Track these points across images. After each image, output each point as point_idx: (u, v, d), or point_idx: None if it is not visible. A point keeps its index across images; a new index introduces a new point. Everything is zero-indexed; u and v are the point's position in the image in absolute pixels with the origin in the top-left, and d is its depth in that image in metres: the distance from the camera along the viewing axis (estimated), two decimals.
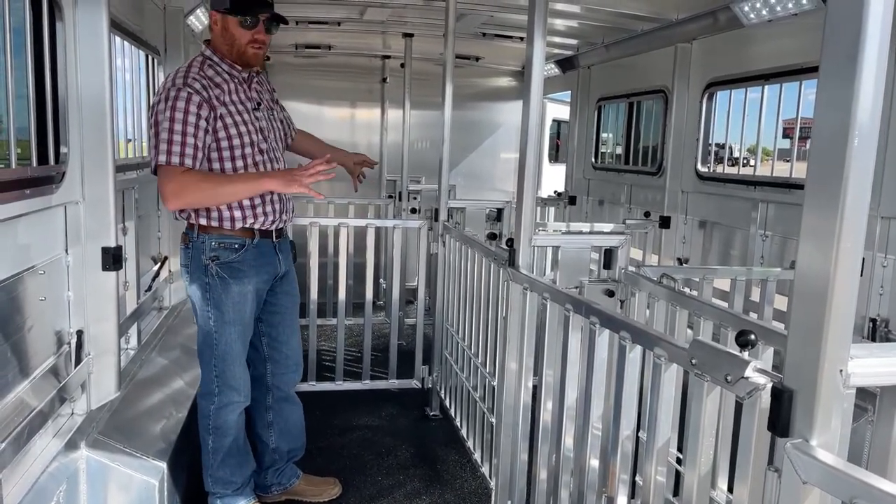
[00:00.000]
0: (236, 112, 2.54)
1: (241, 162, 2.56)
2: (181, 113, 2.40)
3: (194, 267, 2.59)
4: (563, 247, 2.83)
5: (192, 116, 2.41)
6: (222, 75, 2.55)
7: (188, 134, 2.41)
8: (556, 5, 4.16)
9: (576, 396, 2.18)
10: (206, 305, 2.60)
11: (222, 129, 2.50)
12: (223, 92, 2.52)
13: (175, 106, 2.40)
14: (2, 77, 2.06)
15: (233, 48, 2.55)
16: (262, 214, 2.62)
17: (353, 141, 7.08)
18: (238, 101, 2.57)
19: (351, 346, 4.96)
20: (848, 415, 1.39)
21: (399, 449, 3.63)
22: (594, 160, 6.10)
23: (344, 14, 4.88)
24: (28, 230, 2.17)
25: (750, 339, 1.41)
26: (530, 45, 2.48)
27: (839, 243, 1.08)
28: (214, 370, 2.65)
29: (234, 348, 2.64)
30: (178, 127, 2.40)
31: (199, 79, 2.47)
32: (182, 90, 2.42)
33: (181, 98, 2.41)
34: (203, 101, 2.44)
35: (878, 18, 1.03)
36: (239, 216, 2.58)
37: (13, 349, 2.11)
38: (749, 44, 4.02)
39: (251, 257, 2.63)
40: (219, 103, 2.49)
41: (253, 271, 2.65)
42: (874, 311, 3.11)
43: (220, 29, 2.54)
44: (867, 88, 1.04)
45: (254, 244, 2.63)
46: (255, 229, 2.63)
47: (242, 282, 2.61)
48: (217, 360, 2.64)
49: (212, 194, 2.50)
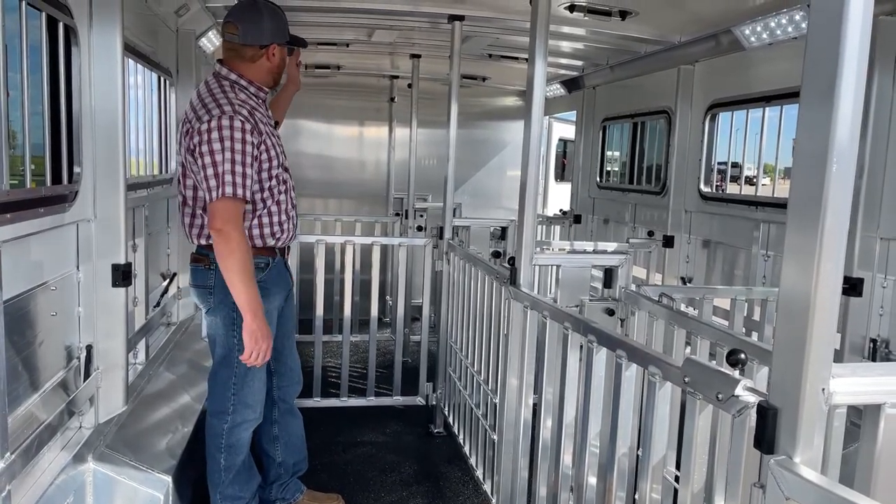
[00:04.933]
0: (269, 134, 2.61)
1: (274, 181, 2.62)
2: (239, 143, 2.42)
3: (220, 287, 2.55)
4: (563, 266, 2.87)
5: (248, 146, 2.44)
6: (252, 99, 2.61)
7: (246, 164, 2.43)
8: (561, 28, 4.23)
9: (574, 414, 2.21)
10: (231, 325, 2.59)
11: (265, 152, 2.55)
12: (261, 116, 2.59)
13: (232, 136, 2.41)
14: (18, 98, 2.13)
15: (280, 74, 2.72)
16: (287, 230, 2.71)
17: (361, 158, 7.18)
18: (268, 123, 2.65)
19: (356, 363, 4.99)
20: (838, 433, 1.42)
21: (402, 466, 3.65)
22: (599, 179, 6.15)
23: (353, 36, 4.97)
24: (41, 247, 2.24)
25: (739, 358, 1.45)
26: (532, 66, 2.54)
27: (819, 264, 1.11)
28: (233, 388, 2.65)
29: (257, 367, 2.63)
30: (244, 158, 2.43)
31: (241, 104, 2.50)
32: (235, 118, 2.43)
33: (236, 128, 2.42)
34: (252, 127, 2.48)
35: (854, 50, 1.08)
36: (267, 233, 2.65)
37: (25, 363, 2.16)
38: (750, 66, 4.07)
39: (274, 275, 2.70)
40: (261, 131, 2.54)
41: (276, 289, 2.72)
42: (874, 331, 3.12)
43: (279, 59, 2.69)
44: (845, 116, 1.09)
45: (275, 262, 2.70)
46: (276, 248, 2.69)
47: (269, 300, 2.64)
48: (237, 378, 2.64)
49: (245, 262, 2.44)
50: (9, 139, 2.01)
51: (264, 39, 2.61)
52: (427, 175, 6.66)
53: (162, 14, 3.73)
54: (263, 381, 2.74)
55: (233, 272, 2.43)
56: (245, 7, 2.63)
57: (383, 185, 7.14)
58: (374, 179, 7.20)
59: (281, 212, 2.68)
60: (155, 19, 3.71)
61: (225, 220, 2.41)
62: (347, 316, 4.24)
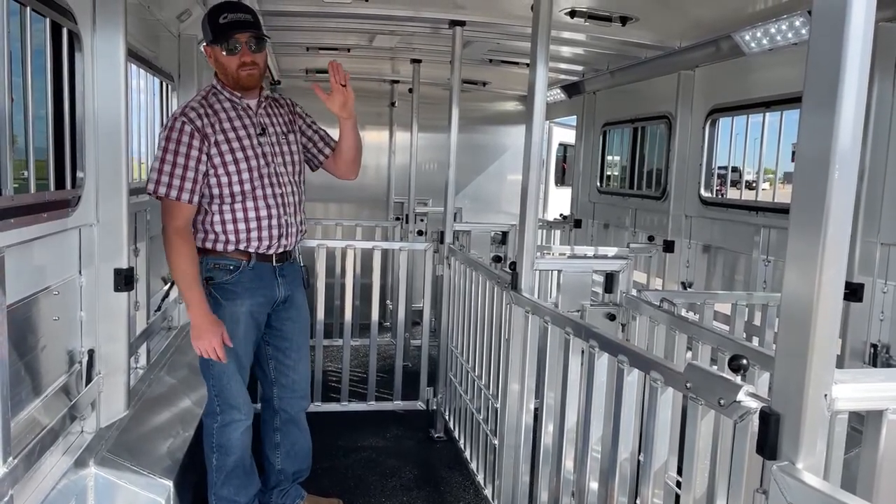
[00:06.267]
0: (235, 139, 2.61)
1: (238, 187, 2.61)
2: (174, 143, 2.51)
3: None
4: (565, 271, 2.88)
5: (183, 147, 2.51)
6: (223, 103, 2.64)
7: (188, 167, 2.52)
8: (562, 33, 4.25)
9: (576, 419, 2.21)
10: None
11: (217, 156, 2.58)
12: (219, 120, 2.60)
13: (169, 136, 2.52)
14: (21, 104, 2.14)
15: (227, 76, 2.63)
16: (256, 239, 2.66)
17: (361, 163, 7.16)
18: (240, 128, 2.64)
19: (357, 367, 4.99)
20: (840, 439, 1.42)
21: (403, 470, 3.64)
22: (599, 184, 6.16)
23: (354, 41, 4.99)
24: (44, 252, 2.24)
25: (742, 363, 1.45)
26: (533, 71, 2.55)
27: (822, 270, 1.12)
28: (214, 389, 2.70)
29: (228, 368, 2.65)
30: (179, 160, 2.51)
31: (197, 107, 2.57)
32: (177, 120, 2.54)
33: (175, 129, 2.52)
34: (195, 129, 2.53)
35: (856, 56, 1.08)
36: (233, 239, 2.64)
37: (27, 367, 2.16)
38: (750, 72, 4.08)
39: (246, 279, 2.67)
40: (213, 131, 2.57)
41: (247, 294, 2.68)
42: (875, 336, 3.12)
43: (214, 61, 2.65)
44: (846, 122, 1.09)
45: (250, 266, 2.67)
46: (252, 252, 2.67)
47: (235, 303, 2.65)
48: (214, 380, 2.68)
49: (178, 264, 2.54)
50: (12, 144, 2.01)
51: (206, 42, 2.64)
52: (428, 179, 6.67)
53: (164, 19, 3.74)
54: (239, 381, 2.72)
55: (171, 267, 2.58)
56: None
57: (384, 190, 7.15)
58: (374, 184, 7.20)
59: (249, 219, 2.64)
60: (157, 24, 3.72)
61: (163, 217, 2.56)
62: (348, 320, 4.24)
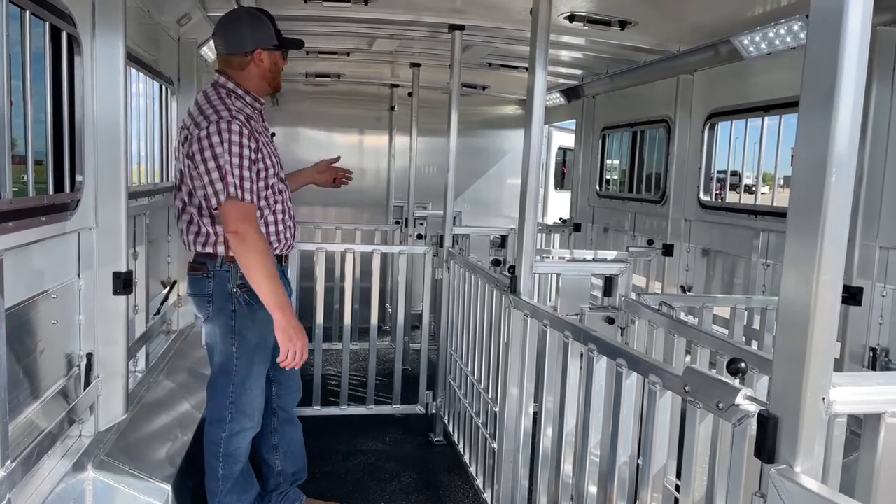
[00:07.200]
0: (264, 143, 2.62)
1: (270, 191, 2.62)
2: (237, 147, 2.44)
3: (218, 295, 2.59)
4: (564, 274, 2.88)
5: (246, 150, 2.46)
6: (248, 108, 2.64)
7: (244, 167, 2.44)
8: (561, 38, 4.26)
9: (575, 423, 2.21)
10: (229, 333, 2.61)
11: (261, 160, 2.56)
12: (255, 123, 2.60)
13: (230, 140, 2.43)
14: (21, 107, 2.14)
15: (267, 80, 2.67)
16: (283, 239, 2.71)
17: (361, 166, 7.18)
18: (263, 131, 2.67)
19: (356, 371, 4.99)
20: (839, 442, 1.42)
21: (402, 474, 3.64)
22: (599, 188, 6.17)
23: (353, 45, 5.00)
24: (43, 255, 2.24)
25: (740, 366, 1.45)
26: (532, 75, 2.56)
27: (819, 274, 1.12)
28: (230, 397, 2.65)
29: (253, 374, 2.64)
30: (245, 163, 2.44)
31: (238, 111, 2.53)
32: (233, 122, 2.45)
33: (234, 132, 2.43)
34: (249, 133, 2.49)
35: (853, 60, 1.09)
36: (273, 241, 2.65)
37: (25, 371, 2.16)
38: (749, 76, 4.09)
39: None
40: (257, 133, 2.56)
41: None
42: (874, 340, 3.12)
43: (269, 64, 2.65)
44: (844, 126, 1.09)
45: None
46: (275, 255, 2.69)
47: (265, 308, 2.63)
48: (235, 386, 2.64)
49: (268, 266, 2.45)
50: (11, 147, 2.01)
51: (246, 46, 2.62)
52: (427, 183, 6.68)
53: (164, 23, 3.75)
54: (262, 389, 2.73)
55: (255, 271, 2.44)
56: (226, 17, 2.68)
57: (383, 194, 7.15)
58: (374, 188, 7.21)
59: (278, 221, 2.68)
60: (157, 28, 3.73)
61: (238, 220, 2.42)
62: (347, 324, 4.24)
